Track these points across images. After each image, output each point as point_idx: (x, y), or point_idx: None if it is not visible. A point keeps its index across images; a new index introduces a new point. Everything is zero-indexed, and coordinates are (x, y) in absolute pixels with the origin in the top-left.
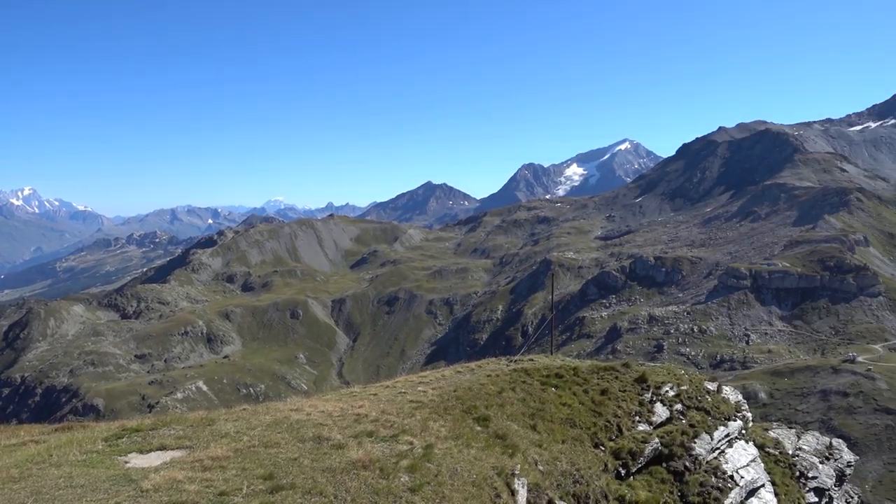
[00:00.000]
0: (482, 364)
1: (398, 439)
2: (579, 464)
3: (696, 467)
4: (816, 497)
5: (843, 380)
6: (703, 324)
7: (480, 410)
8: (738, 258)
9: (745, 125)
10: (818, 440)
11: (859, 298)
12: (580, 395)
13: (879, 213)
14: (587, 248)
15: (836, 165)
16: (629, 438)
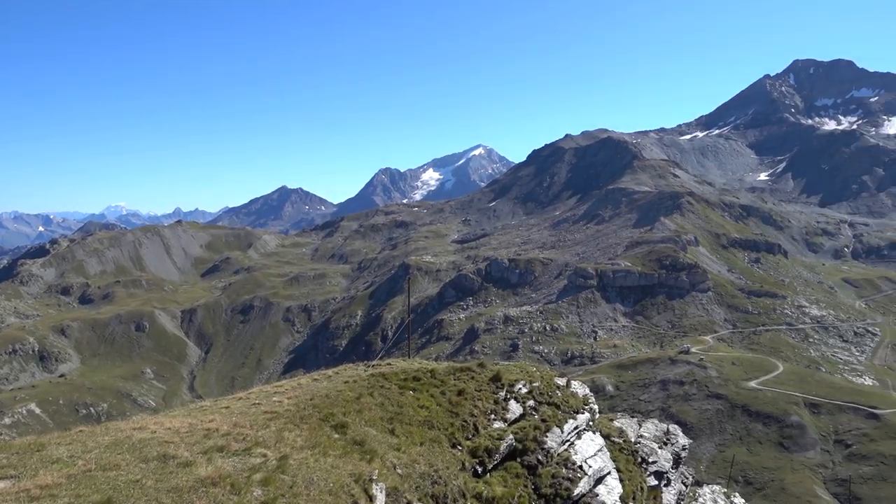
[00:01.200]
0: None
1: (251, 452)
2: (437, 464)
3: (548, 460)
4: (656, 480)
5: (679, 370)
6: (555, 322)
7: (338, 417)
8: (585, 259)
9: (589, 133)
10: (657, 427)
11: (692, 294)
12: (438, 397)
13: (707, 215)
14: (444, 251)
15: (670, 171)
16: (485, 436)
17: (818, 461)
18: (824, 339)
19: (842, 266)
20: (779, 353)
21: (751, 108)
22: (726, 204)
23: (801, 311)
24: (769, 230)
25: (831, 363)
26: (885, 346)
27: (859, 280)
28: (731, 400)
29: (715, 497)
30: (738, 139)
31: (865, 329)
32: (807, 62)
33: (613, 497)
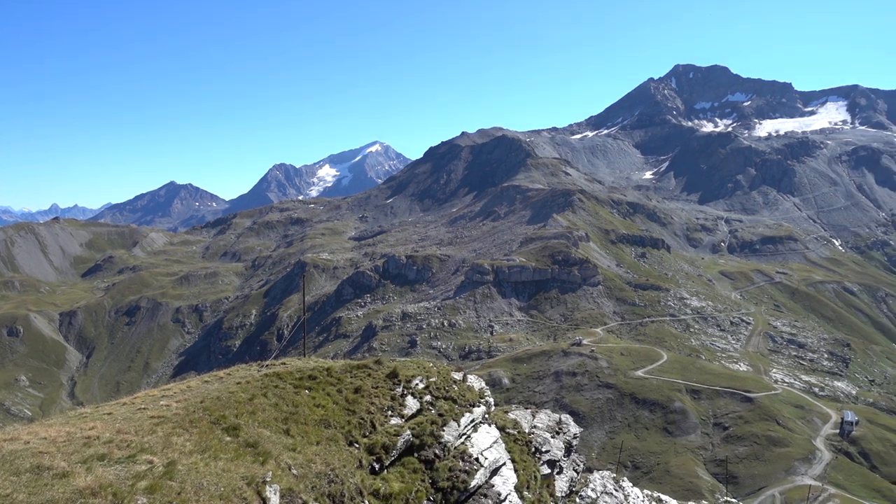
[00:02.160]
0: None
1: (136, 459)
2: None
3: (445, 454)
4: (549, 468)
5: (571, 361)
6: (453, 318)
7: (230, 420)
8: (481, 255)
9: (484, 131)
10: (550, 417)
11: (583, 288)
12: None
13: (597, 211)
14: (342, 248)
15: (562, 170)
16: (382, 433)
17: (699, 444)
18: (704, 329)
19: (719, 260)
20: (663, 343)
21: (636, 110)
22: (615, 201)
23: (683, 302)
24: (654, 226)
25: (710, 351)
26: (758, 333)
27: (735, 273)
28: (620, 389)
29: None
30: (625, 139)
31: (740, 318)
32: (687, 67)
33: (508, 487)
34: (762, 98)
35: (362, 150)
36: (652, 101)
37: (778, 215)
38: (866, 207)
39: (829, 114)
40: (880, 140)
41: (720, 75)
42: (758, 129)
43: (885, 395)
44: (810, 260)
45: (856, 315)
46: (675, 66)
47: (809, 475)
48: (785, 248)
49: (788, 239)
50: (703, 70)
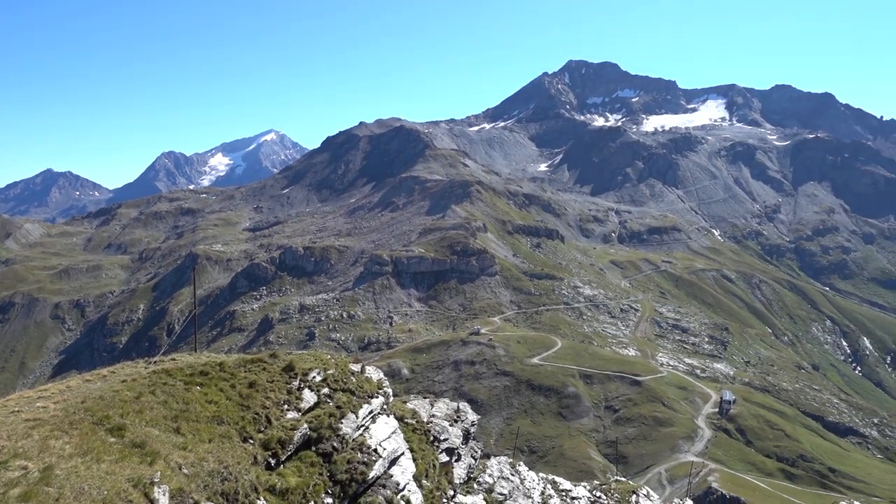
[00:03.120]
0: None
1: (8, 466)
2: (228, 461)
3: (343, 446)
4: (448, 456)
5: (470, 350)
6: (352, 309)
7: (114, 420)
8: (380, 246)
9: (382, 121)
10: (448, 406)
11: (481, 278)
12: (227, 391)
13: (494, 202)
14: (236, 239)
15: (460, 161)
16: (278, 428)
17: (591, 426)
18: (596, 316)
19: (610, 249)
20: (557, 331)
21: (532, 103)
22: (511, 193)
23: (577, 291)
24: (549, 217)
25: (602, 337)
26: (646, 319)
27: (624, 262)
28: (516, 376)
29: (501, 467)
30: (521, 132)
31: (629, 305)
32: (580, 63)
33: (407, 476)
34: (649, 95)
35: (257, 139)
36: (546, 95)
37: (663, 207)
38: (742, 200)
39: (709, 111)
40: (755, 137)
41: (611, 72)
42: (645, 124)
43: (759, 375)
44: (692, 249)
45: (733, 301)
46: (569, 61)
47: (692, 452)
48: (670, 238)
49: (673, 229)
50: (595, 66)
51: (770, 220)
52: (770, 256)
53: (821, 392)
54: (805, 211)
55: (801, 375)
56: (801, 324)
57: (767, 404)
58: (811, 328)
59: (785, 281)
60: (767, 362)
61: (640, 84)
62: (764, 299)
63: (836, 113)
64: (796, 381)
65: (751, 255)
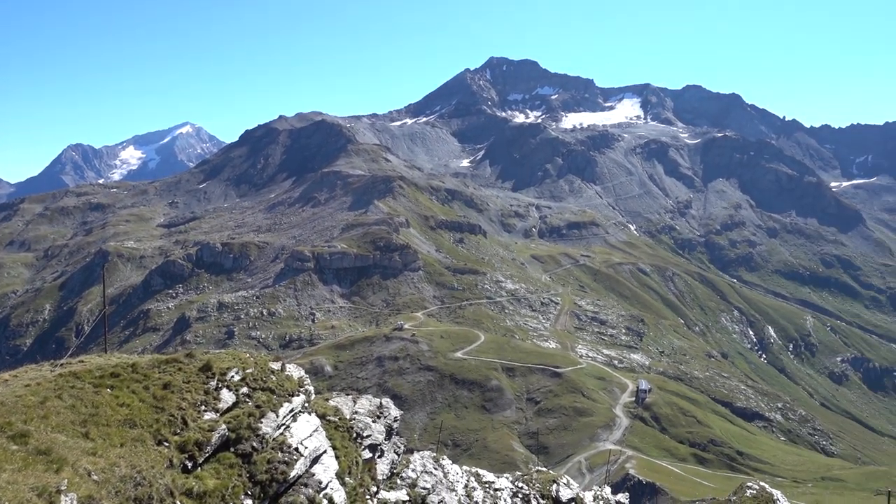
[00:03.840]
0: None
1: None
2: (141, 465)
3: (263, 446)
4: (371, 452)
5: (393, 346)
6: (272, 307)
7: (17, 427)
8: (302, 242)
9: (303, 115)
10: (371, 402)
11: (404, 273)
12: (140, 393)
13: (417, 198)
14: (150, 236)
15: (382, 156)
16: (195, 429)
17: (514, 418)
18: (518, 310)
19: (531, 244)
20: (480, 325)
21: (454, 99)
22: (434, 188)
23: (499, 285)
24: (471, 213)
25: (523, 331)
26: (565, 312)
27: (544, 256)
28: (440, 371)
29: (424, 462)
30: (443, 127)
31: (550, 299)
32: (500, 59)
33: (329, 474)
34: (568, 92)
35: (171, 132)
36: (468, 91)
37: (582, 202)
38: (656, 195)
39: (625, 109)
40: (668, 135)
41: (531, 69)
42: (564, 121)
43: (673, 364)
44: (610, 243)
45: (648, 293)
46: (490, 58)
47: (611, 441)
48: (588, 233)
49: (591, 224)
50: (516, 63)
51: (682, 215)
52: (682, 250)
53: (729, 379)
54: (714, 206)
55: (711, 364)
56: (711, 314)
57: (680, 392)
58: (720, 318)
59: (696, 273)
60: (680, 352)
61: (559, 82)
62: (677, 291)
63: (743, 113)
64: (707, 370)
65: (664, 249)
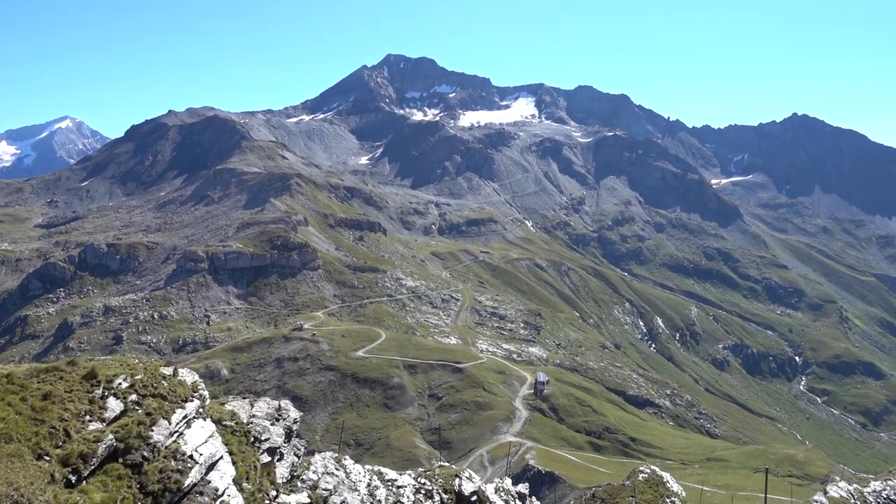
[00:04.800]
0: None
1: None
2: (18, 482)
3: (155, 455)
4: (270, 456)
5: (293, 346)
6: (164, 309)
7: None
8: (195, 241)
9: (194, 110)
10: (269, 405)
11: (303, 272)
12: (17, 405)
13: (315, 196)
14: (26, 237)
15: (279, 153)
16: (79, 441)
17: (416, 415)
18: (419, 307)
19: (430, 241)
20: (382, 323)
21: (352, 96)
22: (332, 186)
23: (399, 282)
24: (370, 210)
25: (425, 328)
26: (466, 308)
27: (444, 253)
28: (341, 370)
29: (326, 463)
30: (341, 124)
31: (450, 296)
32: (398, 57)
33: (226, 481)
34: (465, 91)
35: (49, 126)
36: (366, 88)
37: (480, 199)
38: (551, 192)
39: (520, 108)
40: (562, 133)
41: (428, 67)
42: (462, 119)
43: (569, 356)
44: (508, 240)
45: (545, 287)
46: (388, 55)
47: (511, 433)
48: (487, 230)
49: (490, 221)
50: (413, 61)
51: (576, 211)
52: (576, 245)
53: (622, 369)
54: (606, 203)
55: (605, 354)
56: (605, 307)
57: (576, 383)
58: (613, 310)
59: (590, 268)
60: (576, 344)
61: (456, 80)
62: (572, 285)
63: (631, 113)
64: (601, 360)
65: (560, 245)
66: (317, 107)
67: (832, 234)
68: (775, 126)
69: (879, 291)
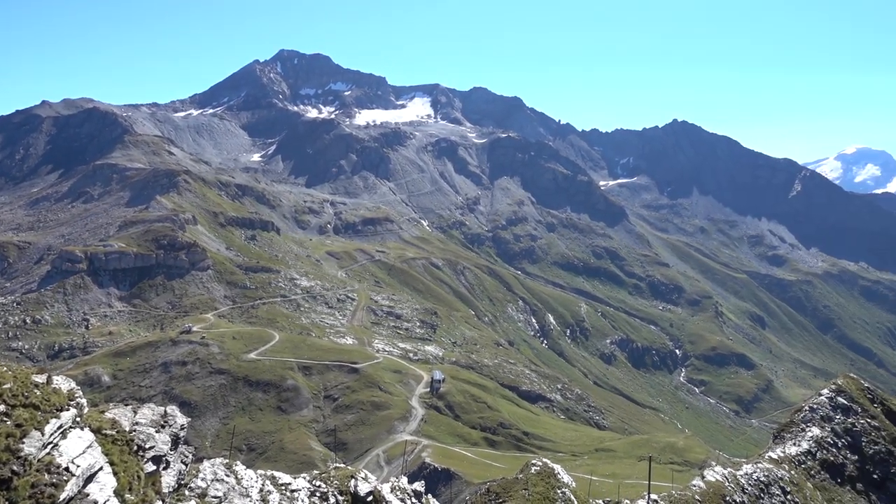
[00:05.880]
0: None
1: None
2: None
3: (26, 469)
4: (155, 465)
5: (181, 350)
6: (37, 313)
7: None
8: (72, 241)
9: (71, 102)
10: (154, 411)
11: (192, 273)
12: None
13: (204, 193)
14: None
15: (165, 148)
16: None
17: (311, 417)
18: (314, 307)
19: (326, 241)
20: (275, 324)
21: (243, 91)
22: (223, 183)
23: (294, 283)
24: (263, 209)
25: (320, 328)
26: (362, 308)
27: (340, 252)
28: (233, 373)
29: (215, 470)
30: (231, 120)
31: (346, 295)
32: (292, 53)
33: (107, 492)
34: (361, 89)
35: None
36: (258, 83)
37: (376, 198)
38: (447, 192)
39: (416, 108)
40: (457, 134)
41: (323, 64)
42: (357, 117)
43: (465, 354)
44: (404, 239)
45: (441, 286)
46: (281, 50)
47: (407, 432)
48: (383, 229)
49: (386, 220)
50: (308, 57)
51: (471, 211)
52: (472, 244)
53: (516, 365)
54: (500, 203)
55: (499, 352)
56: (499, 305)
57: (472, 380)
58: (507, 308)
59: (485, 267)
60: (471, 342)
61: (352, 78)
62: (467, 284)
63: (524, 115)
64: (496, 357)
65: (455, 244)
66: (206, 101)
67: (708, 233)
68: (658, 131)
69: (750, 287)
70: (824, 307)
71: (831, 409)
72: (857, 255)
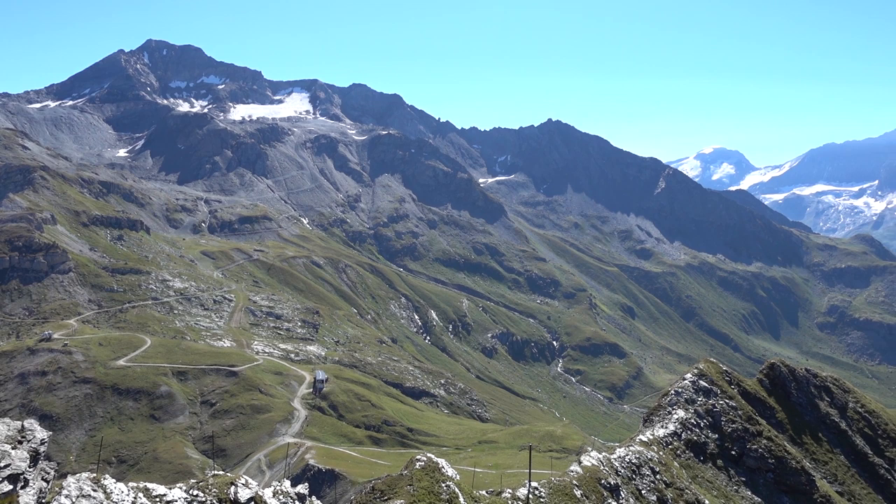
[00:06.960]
0: None
1: None
2: None
3: None
4: (11, 484)
5: (40, 359)
6: None
7: None
8: None
9: None
10: (9, 426)
11: (51, 276)
12: None
13: (65, 191)
14: None
15: (18, 142)
16: None
17: (188, 424)
18: (188, 310)
19: (200, 240)
20: (146, 328)
21: (107, 82)
22: (85, 180)
23: (166, 284)
24: (131, 207)
25: (195, 331)
26: (240, 309)
27: (216, 252)
28: (100, 382)
29: (81, 485)
30: (94, 112)
31: (223, 296)
32: (160, 43)
33: None
34: (235, 83)
35: None
36: (124, 74)
37: (254, 196)
38: (328, 189)
39: (294, 104)
40: (337, 130)
41: (195, 56)
42: (232, 112)
43: (348, 353)
44: (283, 237)
45: (322, 285)
46: (148, 40)
47: (290, 434)
48: (261, 227)
49: (264, 218)
50: (178, 48)
51: (352, 208)
52: (353, 242)
53: (399, 362)
54: (381, 200)
55: (382, 349)
56: (382, 302)
57: (355, 379)
58: (390, 306)
59: (367, 264)
60: (354, 340)
61: (225, 71)
62: (349, 282)
63: (404, 113)
64: (379, 355)
65: (337, 242)
66: (65, 92)
67: (582, 229)
68: (533, 130)
69: (621, 280)
70: (687, 297)
71: (694, 392)
72: (714, 247)
